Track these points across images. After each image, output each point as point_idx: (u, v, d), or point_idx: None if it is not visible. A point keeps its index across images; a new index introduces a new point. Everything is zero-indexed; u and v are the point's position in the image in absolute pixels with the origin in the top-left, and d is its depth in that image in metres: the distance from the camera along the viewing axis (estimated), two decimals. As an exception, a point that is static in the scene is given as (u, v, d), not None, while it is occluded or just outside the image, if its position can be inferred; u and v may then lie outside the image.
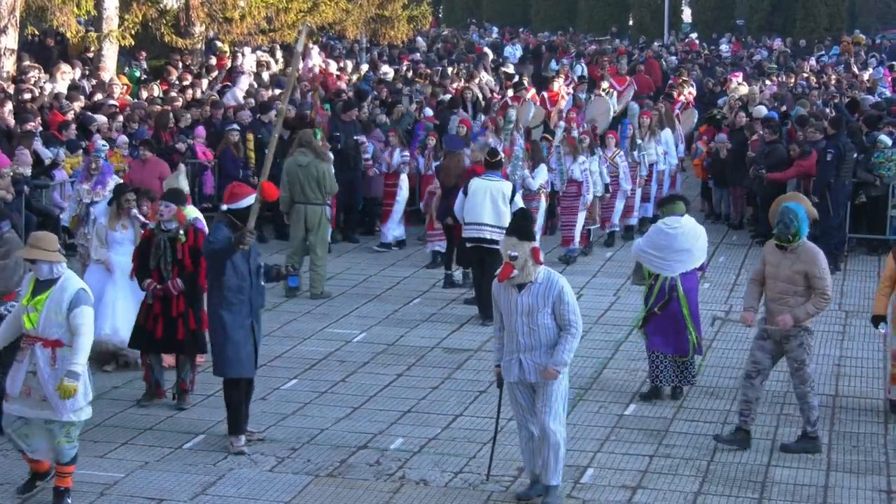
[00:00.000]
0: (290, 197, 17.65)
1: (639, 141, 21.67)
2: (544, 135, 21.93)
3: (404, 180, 21.04)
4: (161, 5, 29.02)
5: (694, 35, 53.74)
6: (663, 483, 11.03)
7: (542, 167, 19.13)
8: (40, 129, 20.52)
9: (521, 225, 10.39)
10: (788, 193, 12.80)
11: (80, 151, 20.00)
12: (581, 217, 19.90)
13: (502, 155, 17.08)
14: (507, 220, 15.79)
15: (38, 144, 19.59)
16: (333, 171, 18.29)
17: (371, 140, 21.92)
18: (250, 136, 21.45)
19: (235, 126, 21.32)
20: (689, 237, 13.09)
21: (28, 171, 18.63)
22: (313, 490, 10.82)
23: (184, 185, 14.78)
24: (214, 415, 12.65)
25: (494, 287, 10.43)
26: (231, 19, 28.72)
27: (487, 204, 16.14)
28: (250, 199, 11.50)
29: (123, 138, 20.50)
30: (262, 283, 11.74)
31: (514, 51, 41.21)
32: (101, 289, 13.98)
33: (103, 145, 19.93)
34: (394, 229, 21.05)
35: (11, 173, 18.06)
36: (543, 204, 19.25)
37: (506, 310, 10.35)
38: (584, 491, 10.87)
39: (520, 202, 16.30)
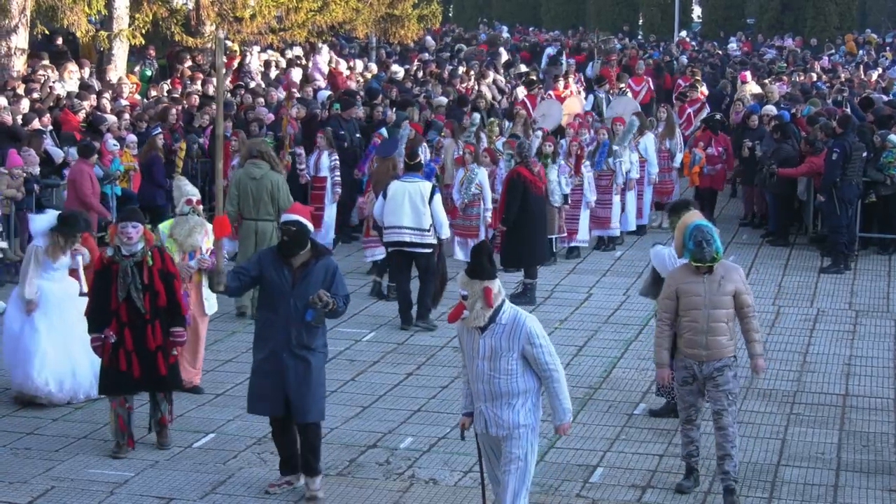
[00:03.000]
0: (239, 212, 16.03)
1: (615, 148, 20.76)
2: (511, 136, 21.17)
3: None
4: (171, 4, 29.06)
5: (683, 33, 53.68)
6: (673, 482, 11.01)
7: (482, 170, 18.48)
8: (50, 128, 20.54)
9: (474, 261, 9.25)
10: (690, 212, 11.04)
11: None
12: None
13: (421, 157, 16.72)
14: (426, 222, 15.83)
15: (48, 144, 19.60)
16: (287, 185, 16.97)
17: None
18: (183, 145, 20.65)
19: (159, 130, 20.54)
20: None
21: (36, 170, 18.66)
22: (322, 489, 10.81)
23: (188, 191, 13.52)
24: (224, 413, 12.67)
25: (458, 326, 9.44)
26: (241, 18, 28.76)
27: (406, 206, 15.85)
28: (289, 217, 10.41)
29: (132, 137, 20.53)
30: (308, 319, 10.21)
31: (553, 52, 41.00)
32: (23, 326, 12.81)
33: (114, 145, 20.03)
34: (325, 236, 19.89)
35: (23, 174, 18.11)
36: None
37: (468, 353, 9.33)
38: (593, 490, 10.87)
39: (439, 203, 16.01)
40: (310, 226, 10.43)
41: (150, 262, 11.26)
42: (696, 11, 63.32)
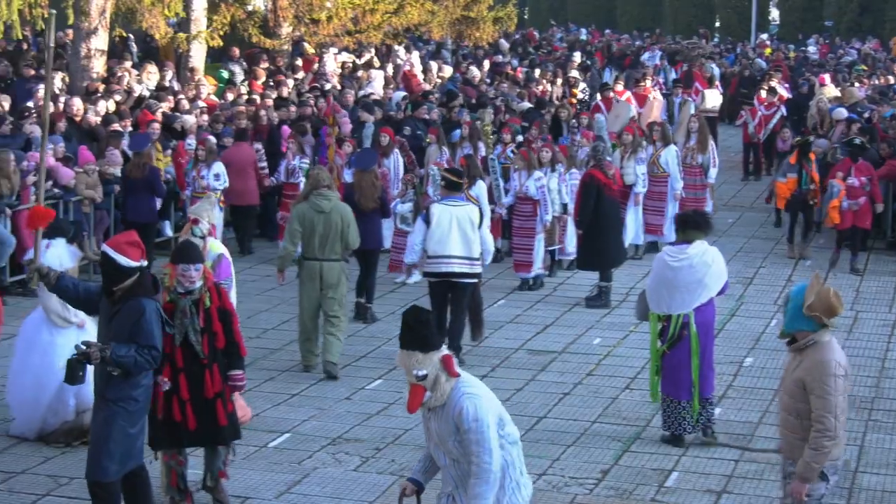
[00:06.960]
0: (298, 250, 14.41)
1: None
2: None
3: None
4: (249, 6, 29.25)
5: (765, 36, 53.25)
6: (749, 488, 10.95)
7: (480, 183, 17.52)
8: (130, 129, 20.72)
9: (418, 334, 7.57)
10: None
11: (169, 151, 20.22)
12: (540, 239, 18.16)
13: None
14: (477, 250, 14.45)
15: (124, 144, 19.77)
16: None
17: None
18: (159, 147, 19.75)
19: (148, 144, 19.06)
20: (698, 269, 11.77)
21: (118, 171, 18.82)
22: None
23: (215, 216, 12.61)
24: (300, 413, 12.75)
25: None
26: (318, 20, 28.88)
27: (455, 233, 14.30)
28: (102, 249, 9.34)
29: (211, 139, 20.67)
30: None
31: (653, 57, 40.78)
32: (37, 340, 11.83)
33: (189, 145, 20.20)
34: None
35: (97, 170, 18.26)
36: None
37: (425, 435, 7.92)
38: (668, 494, 10.81)
39: (488, 228, 14.96)
40: (120, 259, 8.98)
41: (207, 302, 9.99)
42: (774, 14, 62.86)
